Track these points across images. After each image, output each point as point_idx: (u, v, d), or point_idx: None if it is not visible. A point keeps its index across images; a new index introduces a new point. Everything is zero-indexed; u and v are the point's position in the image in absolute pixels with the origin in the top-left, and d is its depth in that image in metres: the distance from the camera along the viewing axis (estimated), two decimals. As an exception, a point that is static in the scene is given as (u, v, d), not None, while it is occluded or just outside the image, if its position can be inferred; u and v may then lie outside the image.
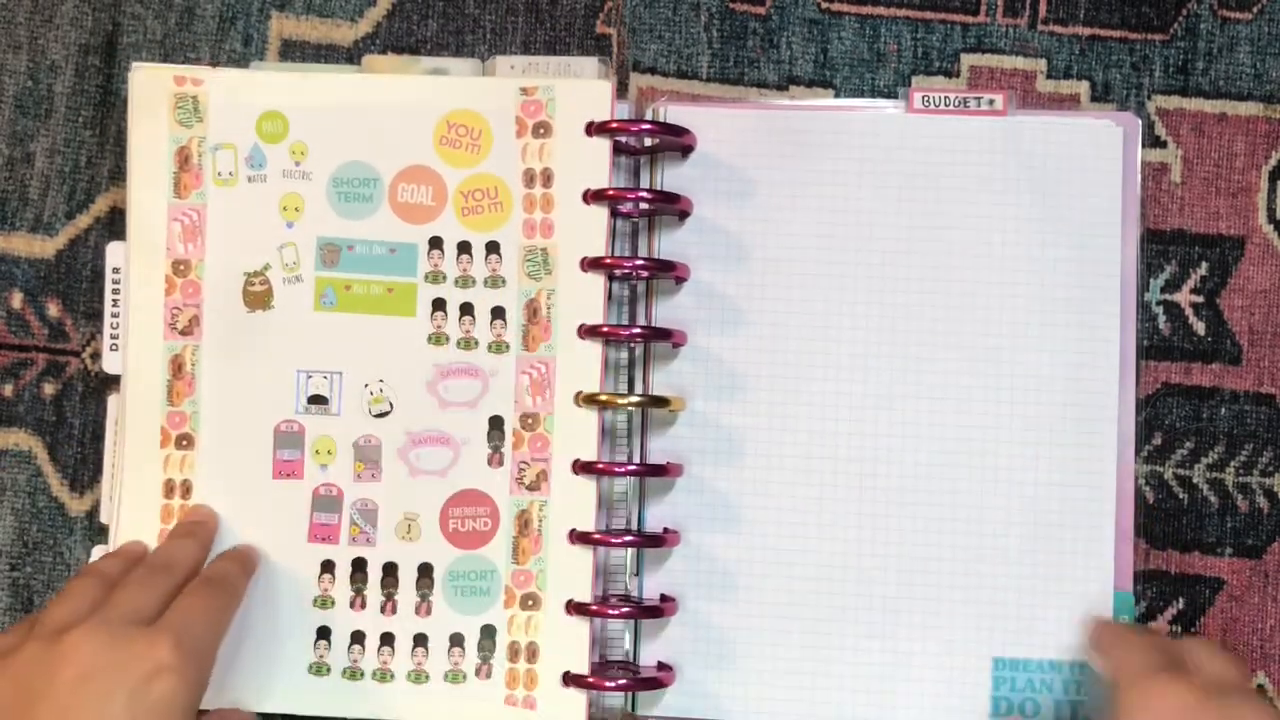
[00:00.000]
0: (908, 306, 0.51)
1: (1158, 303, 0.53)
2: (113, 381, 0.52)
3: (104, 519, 0.52)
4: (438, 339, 0.52)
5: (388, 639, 0.51)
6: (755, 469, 0.51)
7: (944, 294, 0.51)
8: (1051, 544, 0.50)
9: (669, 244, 0.52)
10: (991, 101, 0.52)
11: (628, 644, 0.51)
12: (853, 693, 0.50)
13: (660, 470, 0.51)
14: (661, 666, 0.51)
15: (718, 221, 0.52)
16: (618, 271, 0.50)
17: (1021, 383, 0.51)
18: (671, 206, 0.51)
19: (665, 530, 0.51)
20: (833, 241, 0.52)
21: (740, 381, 0.52)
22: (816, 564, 0.51)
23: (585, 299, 0.51)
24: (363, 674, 0.51)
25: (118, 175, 0.54)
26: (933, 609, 0.51)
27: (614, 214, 0.51)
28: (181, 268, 0.52)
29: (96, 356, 0.53)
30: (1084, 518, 0.50)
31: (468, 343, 0.52)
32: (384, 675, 0.51)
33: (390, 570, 0.51)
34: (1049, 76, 0.53)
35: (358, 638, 0.51)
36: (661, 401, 0.51)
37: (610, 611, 0.50)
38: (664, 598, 0.51)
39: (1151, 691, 0.43)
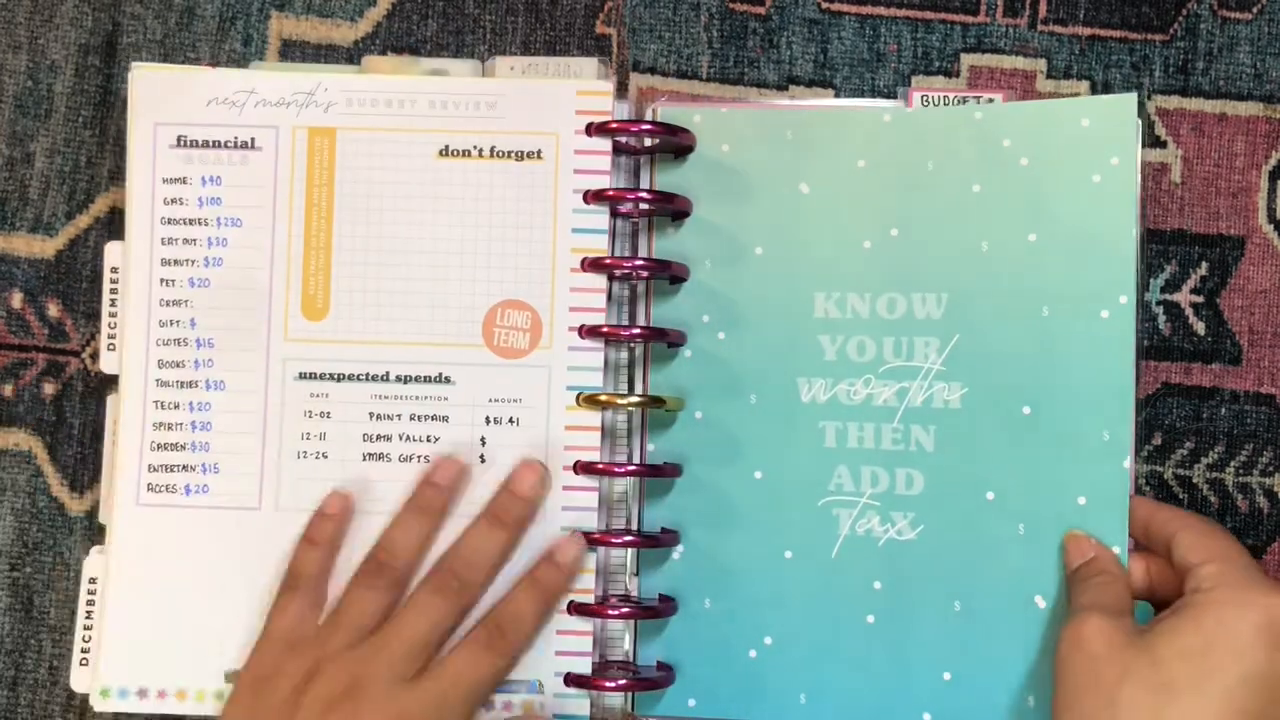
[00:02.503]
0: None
1: (1158, 303, 0.53)
2: (112, 381, 0.52)
3: (103, 519, 0.52)
4: (438, 339, 0.52)
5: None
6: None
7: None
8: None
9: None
10: (991, 101, 0.52)
11: (628, 644, 0.51)
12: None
13: (660, 470, 0.51)
14: (661, 666, 0.51)
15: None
16: (618, 271, 0.50)
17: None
18: (670, 206, 0.51)
19: (665, 530, 0.51)
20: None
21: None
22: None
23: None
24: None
25: (117, 175, 0.54)
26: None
27: (614, 214, 0.51)
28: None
29: (96, 356, 0.53)
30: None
31: (468, 343, 0.52)
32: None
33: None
34: (1049, 76, 0.53)
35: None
36: (661, 401, 0.51)
37: (610, 611, 0.50)
38: (664, 598, 0.51)
39: (1083, 630, 0.44)
